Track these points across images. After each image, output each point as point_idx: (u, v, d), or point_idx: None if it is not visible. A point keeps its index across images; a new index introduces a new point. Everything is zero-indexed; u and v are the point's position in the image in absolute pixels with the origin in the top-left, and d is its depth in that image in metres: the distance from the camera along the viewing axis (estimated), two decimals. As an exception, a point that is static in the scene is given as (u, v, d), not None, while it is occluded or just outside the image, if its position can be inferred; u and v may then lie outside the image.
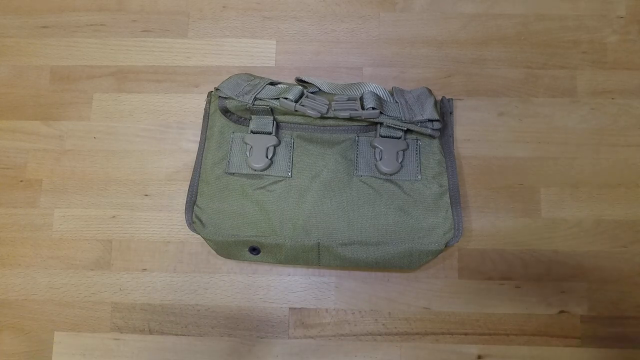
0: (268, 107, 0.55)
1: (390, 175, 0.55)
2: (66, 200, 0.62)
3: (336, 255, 0.54)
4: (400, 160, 0.55)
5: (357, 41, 0.66)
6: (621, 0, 0.66)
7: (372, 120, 0.54)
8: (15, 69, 0.66)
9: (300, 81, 0.61)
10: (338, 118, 0.55)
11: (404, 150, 0.56)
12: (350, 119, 0.55)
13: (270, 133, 0.56)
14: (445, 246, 0.54)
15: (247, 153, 0.56)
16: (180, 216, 0.61)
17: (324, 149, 0.56)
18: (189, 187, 0.57)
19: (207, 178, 0.56)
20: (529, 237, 0.59)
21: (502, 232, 0.60)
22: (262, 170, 0.56)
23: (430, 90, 0.57)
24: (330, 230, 0.54)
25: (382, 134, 0.56)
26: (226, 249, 0.55)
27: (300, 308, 0.59)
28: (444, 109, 0.61)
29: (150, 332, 0.59)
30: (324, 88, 0.59)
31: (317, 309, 0.59)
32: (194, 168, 0.59)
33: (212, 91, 0.62)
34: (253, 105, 0.55)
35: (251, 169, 0.56)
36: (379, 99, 0.54)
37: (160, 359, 0.58)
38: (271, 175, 0.56)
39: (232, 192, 0.56)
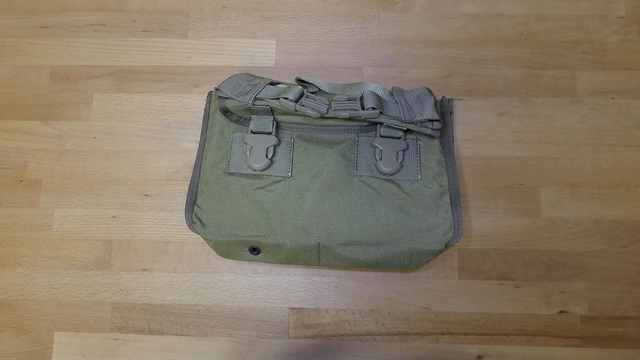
0: (268, 107, 0.55)
1: (390, 175, 0.55)
2: (66, 200, 0.62)
3: (336, 255, 0.54)
4: (400, 160, 0.55)
5: (357, 41, 0.66)
6: (621, 0, 0.66)
7: (372, 120, 0.54)
8: (15, 69, 0.66)
9: (300, 81, 0.61)
10: (338, 118, 0.55)
11: (404, 150, 0.56)
12: (350, 119, 0.55)
13: (270, 133, 0.56)
14: (445, 246, 0.54)
15: (247, 153, 0.56)
16: (180, 216, 0.61)
17: (324, 149, 0.56)
18: (189, 187, 0.57)
19: (207, 178, 0.56)
20: (529, 237, 0.59)
21: (502, 232, 0.60)
22: (262, 170, 0.56)
23: (430, 90, 0.57)
24: (330, 230, 0.54)
25: (382, 134, 0.56)
26: (226, 249, 0.55)
27: (300, 308, 0.59)
28: (444, 109, 0.61)
29: (150, 332, 0.59)
30: (324, 88, 0.59)
31: (317, 309, 0.59)
32: (194, 168, 0.59)
33: (212, 91, 0.62)
34: (253, 105, 0.55)
35: (251, 169, 0.56)
36: (379, 99, 0.54)
37: (160, 359, 0.58)
38: (271, 175, 0.56)
39: (232, 192, 0.56)
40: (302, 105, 0.53)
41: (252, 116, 0.57)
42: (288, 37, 0.66)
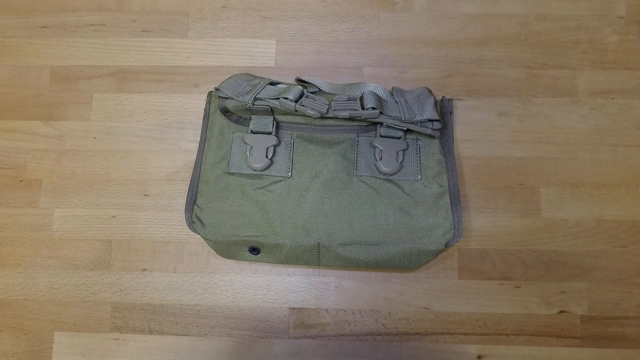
0: (268, 107, 0.55)
1: (390, 175, 0.55)
2: (66, 200, 0.62)
3: (336, 255, 0.54)
4: (400, 160, 0.55)
5: (357, 41, 0.66)
6: (621, 0, 0.66)
7: (372, 120, 0.54)
8: (15, 69, 0.66)
9: (300, 81, 0.61)
10: (338, 118, 0.55)
11: (404, 150, 0.56)
12: (350, 119, 0.55)
13: (270, 133, 0.56)
14: (445, 246, 0.54)
15: (247, 153, 0.56)
16: (180, 216, 0.61)
17: (324, 149, 0.56)
18: (189, 187, 0.57)
19: (207, 178, 0.56)
20: (529, 237, 0.59)
21: (502, 232, 0.60)
22: (262, 170, 0.56)
23: (430, 90, 0.57)
24: (330, 230, 0.54)
25: (382, 134, 0.56)
26: (226, 249, 0.55)
27: (300, 308, 0.59)
28: (444, 109, 0.61)
29: (150, 332, 0.59)
30: (324, 88, 0.59)
31: (317, 309, 0.59)
32: (193, 168, 0.59)
33: (212, 91, 0.62)
34: (253, 105, 0.55)
35: (251, 169, 0.56)
36: (379, 98, 0.54)
37: (160, 359, 0.58)
38: (271, 175, 0.56)
39: (232, 192, 0.56)
40: (302, 105, 0.53)
41: (252, 116, 0.57)
42: (288, 37, 0.66)
